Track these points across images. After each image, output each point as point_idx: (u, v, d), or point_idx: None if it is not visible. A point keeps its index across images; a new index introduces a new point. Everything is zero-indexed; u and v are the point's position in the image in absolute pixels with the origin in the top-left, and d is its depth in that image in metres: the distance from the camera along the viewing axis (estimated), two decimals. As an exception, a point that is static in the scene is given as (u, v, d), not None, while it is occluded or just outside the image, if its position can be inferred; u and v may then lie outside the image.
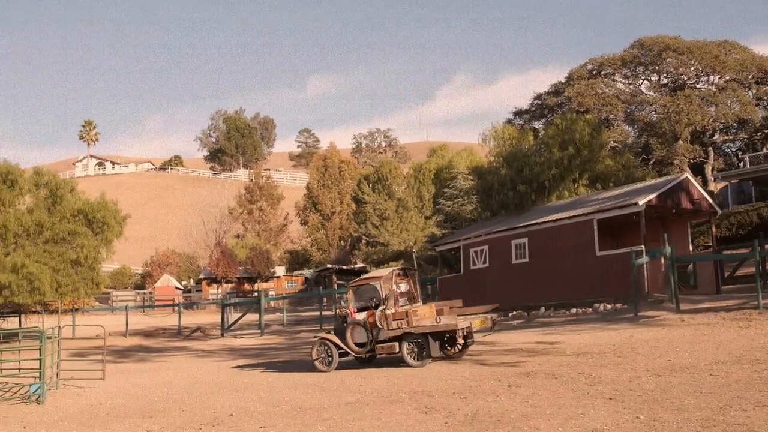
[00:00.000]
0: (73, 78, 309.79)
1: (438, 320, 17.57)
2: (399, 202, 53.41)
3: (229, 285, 64.15)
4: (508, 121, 55.56)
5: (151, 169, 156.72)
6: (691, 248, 33.26)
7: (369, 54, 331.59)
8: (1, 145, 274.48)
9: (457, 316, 18.27)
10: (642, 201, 28.63)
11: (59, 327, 20.94)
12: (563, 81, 55.45)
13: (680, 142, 49.45)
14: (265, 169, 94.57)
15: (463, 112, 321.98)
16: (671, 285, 25.23)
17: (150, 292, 66.24)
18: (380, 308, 18.24)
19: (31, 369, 18.37)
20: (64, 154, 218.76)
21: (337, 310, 19.22)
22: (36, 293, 34.22)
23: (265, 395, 15.18)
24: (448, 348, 18.50)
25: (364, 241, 56.59)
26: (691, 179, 32.05)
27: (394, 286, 18.92)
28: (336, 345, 18.68)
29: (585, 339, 20.05)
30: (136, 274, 74.61)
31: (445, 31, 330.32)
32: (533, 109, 57.32)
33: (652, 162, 50.77)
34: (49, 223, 36.73)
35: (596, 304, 28.60)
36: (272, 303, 48.86)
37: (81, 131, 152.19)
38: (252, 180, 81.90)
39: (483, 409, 11.64)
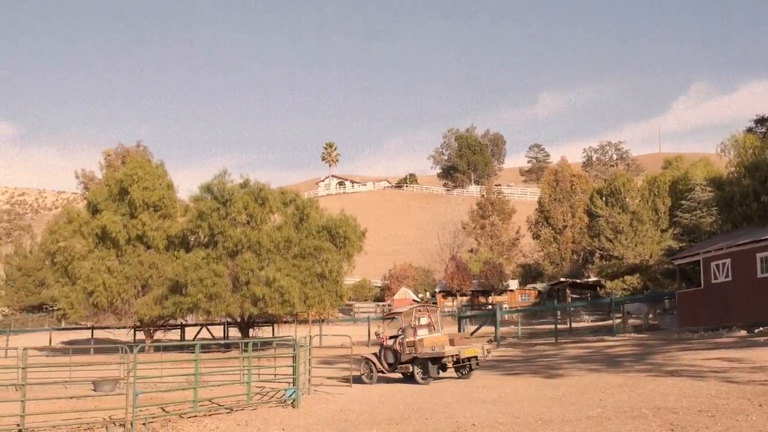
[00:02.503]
0: (317, 104, 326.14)
1: (433, 349, 21.42)
2: (633, 215, 52.13)
3: (464, 298, 65.01)
4: (749, 130, 52.46)
5: (388, 187, 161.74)
6: None
7: (600, 68, 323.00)
8: (252, 168, 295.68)
9: (454, 345, 21.90)
10: None
11: (310, 336, 22.39)
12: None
13: None
14: (496, 185, 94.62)
15: (699, 122, 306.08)
16: None
17: (389, 304, 68.29)
18: (400, 337, 22.55)
19: (285, 375, 19.81)
20: (308, 175, 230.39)
21: (375, 335, 25.27)
22: (286, 305, 36.68)
23: (504, 407, 15.43)
24: (461, 370, 22.18)
25: (597, 255, 55.58)
26: None
27: (414, 320, 22.89)
28: (374, 363, 22.99)
29: None
30: (376, 287, 77.15)
31: (682, 41, 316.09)
32: (778, 115, 53.72)
33: None
34: (297, 239, 39.21)
35: None
36: (506, 316, 49.06)
37: (323, 153, 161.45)
38: (484, 195, 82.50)
39: (733, 429, 11.26)
